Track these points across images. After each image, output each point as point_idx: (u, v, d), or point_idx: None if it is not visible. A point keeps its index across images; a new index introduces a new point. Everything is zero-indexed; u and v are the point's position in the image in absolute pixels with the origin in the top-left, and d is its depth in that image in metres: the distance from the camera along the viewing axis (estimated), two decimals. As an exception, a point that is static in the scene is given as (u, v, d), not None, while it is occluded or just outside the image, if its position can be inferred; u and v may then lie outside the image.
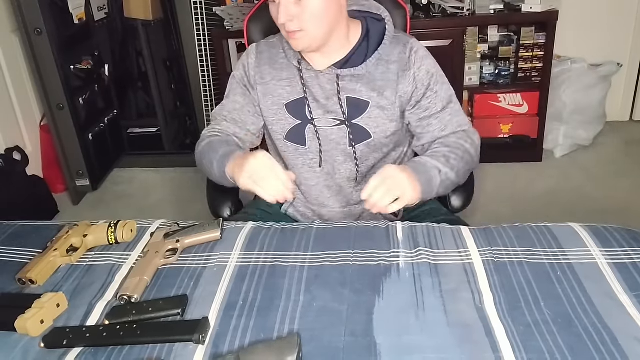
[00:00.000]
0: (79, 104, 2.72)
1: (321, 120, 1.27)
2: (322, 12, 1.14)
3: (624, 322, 0.82)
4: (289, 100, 1.27)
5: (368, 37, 1.25)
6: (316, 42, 1.18)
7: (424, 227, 1.10)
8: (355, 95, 1.24)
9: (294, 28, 1.14)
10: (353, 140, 1.27)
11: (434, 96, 1.25)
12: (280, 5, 1.12)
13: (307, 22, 1.14)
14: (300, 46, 1.18)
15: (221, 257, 1.04)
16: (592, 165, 2.83)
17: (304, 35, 1.16)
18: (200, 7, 2.70)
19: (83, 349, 0.84)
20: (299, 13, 1.13)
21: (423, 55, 1.26)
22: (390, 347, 0.80)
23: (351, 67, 1.23)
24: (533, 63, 2.78)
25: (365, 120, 1.25)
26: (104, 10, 3.03)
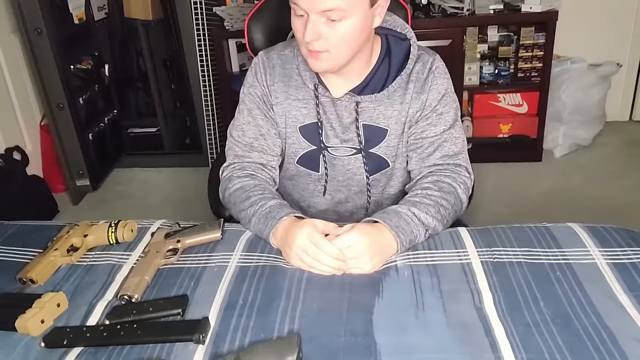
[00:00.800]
0: (79, 103, 2.73)
1: (338, 149, 1.21)
2: (354, 36, 1.05)
3: (623, 322, 0.82)
4: (304, 123, 1.21)
5: (389, 57, 1.17)
6: (338, 65, 1.10)
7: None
8: (373, 123, 1.18)
9: (319, 48, 1.05)
10: (368, 171, 1.23)
11: (436, 118, 1.17)
12: (309, 21, 1.02)
13: (335, 45, 1.05)
14: (322, 68, 1.10)
15: (222, 257, 1.04)
16: (592, 166, 2.83)
17: (328, 57, 1.07)
18: (200, 7, 2.70)
19: (83, 348, 0.84)
20: (328, 33, 1.03)
21: (440, 75, 1.17)
22: (390, 347, 0.80)
23: (370, 92, 1.16)
24: (533, 63, 2.78)
25: (384, 149, 1.20)
26: (104, 10, 3.03)
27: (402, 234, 1.02)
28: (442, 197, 1.11)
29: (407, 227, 1.03)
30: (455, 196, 1.14)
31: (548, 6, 2.60)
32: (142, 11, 2.98)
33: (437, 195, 1.11)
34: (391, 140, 1.19)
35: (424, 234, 1.06)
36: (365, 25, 1.06)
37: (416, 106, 1.17)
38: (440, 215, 1.08)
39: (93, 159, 2.82)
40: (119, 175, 3.07)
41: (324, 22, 1.02)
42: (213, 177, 1.52)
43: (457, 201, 1.14)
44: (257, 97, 1.22)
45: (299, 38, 1.07)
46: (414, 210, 1.06)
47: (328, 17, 1.01)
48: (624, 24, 3.04)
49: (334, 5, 0.99)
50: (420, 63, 1.17)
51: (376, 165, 1.23)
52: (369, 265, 0.98)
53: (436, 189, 1.13)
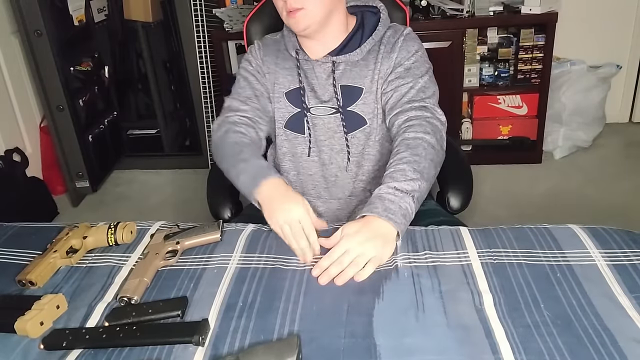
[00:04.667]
0: (79, 105, 2.73)
1: (318, 108, 1.30)
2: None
3: (624, 323, 0.82)
4: (289, 88, 1.31)
5: (363, 26, 1.29)
6: (315, 22, 1.20)
7: (422, 229, 1.10)
8: (349, 83, 1.27)
9: (295, 5, 1.16)
10: (346, 128, 1.30)
11: (404, 72, 1.25)
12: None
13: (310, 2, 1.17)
14: (301, 25, 1.20)
15: (221, 259, 1.04)
16: (592, 167, 2.83)
17: (305, 14, 1.18)
18: (199, 9, 2.70)
19: (83, 350, 0.84)
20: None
21: (410, 39, 1.28)
22: (390, 348, 0.80)
23: (346, 53, 1.26)
24: (532, 65, 2.79)
25: (360, 106, 1.28)
26: (104, 12, 3.03)
27: (392, 214, 1.01)
28: (412, 153, 1.10)
29: (394, 206, 1.02)
30: (424, 146, 1.13)
31: (548, 8, 2.61)
32: (142, 13, 2.99)
33: (407, 155, 1.10)
34: (367, 98, 1.28)
35: (413, 201, 1.04)
36: None
37: (387, 64, 1.26)
38: (418, 173, 1.07)
39: (93, 160, 2.82)
40: (118, 177, 3.07)
41: None
42: (212, 179, 1.52)
43: (428, 148, 1.13)
44: (251, 67, 1.34)
45: (278, 4, 1.19)
46: (393, 184, 1.05)
47: None
48: (624, 26, 3.04)
49: None
50: (392, 29, 1.29)
51: (354, 123, 1.30)
52: (374, 249, 0.97)
53: (403, 149, 1.12)
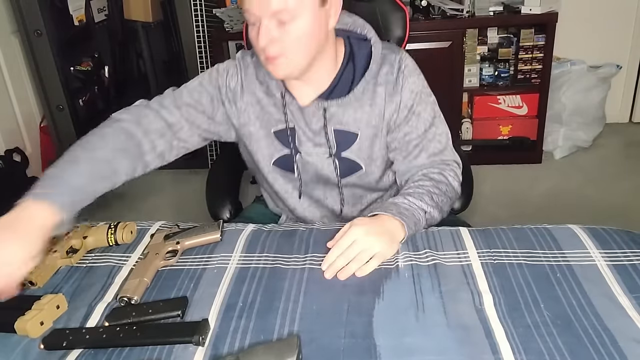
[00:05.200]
0: (79, 105, 2.73)
1: (310, 153, 1.21)
2: (307, 37, 1.04)
3: (624, 323, 0.82)
4: (278, 128, 1.20)
5: (353, 59, 1.16)
6: (298, 69, 1.09)
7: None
8: (343, 128, 1.17)
9: (274, 53, 1.04)
10: (340, 174, 1.23)
11: (415, 119, 1.18)
12: (262, 27, 1.01)
13: (290, 48, 1.04)
14: (281, 73, 1.09)
15: (221, 258, 1.04)
16: (592, 167, 2.83)
17: (285, 62, 1.06)
18: (200, 9, 2.70)
19: (83, 350, 0.84)
20: (281, 36, 1.02)
21: (410, 73, 1.16)
22: (390, 348, 0.80)
23: (337, 97, 1.15)
24: (532, 65, 2.79)
25: (355, 152, 1.20)
26: (104, 11, 3.03)
27: (405, 217, 1.03)
28: (434, 185, 1.14)
29: (408, 212, 1.06)
30: (446, 184, 1.16)
31: (548, 8, 2.61)
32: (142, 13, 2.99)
33: (428, 185, 1.14)
34: (362, 144, 1.19)
35: (424, 218, 1.08)
36: (318, 25, 1.05)
37: (391, 109, 1.16)
38: (434, 202, 1.11)
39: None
40: (118, 177, 3.07)
41: (275, 25, 1.01)
42: (212, 179, 1.52)
43: (448, 188, 1.16)
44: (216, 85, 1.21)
45: (255, 46, 1.07)
46: (409, 198, 1.10)
47: (278, 19, 1.01)
48: (624, 26, 3.05)
49: (282, 6, 0.99)
50: (387, 64, 1.16)
51: (348, 168, 1.22)
52: (380, 244, 0.98)
53: (427, 179, 1.16)
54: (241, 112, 1.21)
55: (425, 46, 2.66)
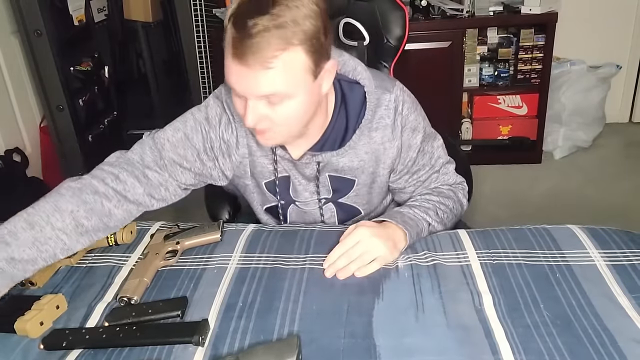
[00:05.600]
0: (79, 105, 2.72)
1: (308, 203, 1.18)
2: (300, 113, 0.96)
3: (623, 323, 0.82)
4: (269, 179, 1.15)
5: (346, 106, 1.08)
6: (290, 138, 1.04)
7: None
8: (339, 174, 1.13)
9: (263, 127, 0.96)
10: (339, 220, 1.21)
11: (421, 156, 1.14)
12: (249, 106, 0.92)
13: (281, 124, 0.96)
14: (270, 143, 1.03)
15: (221, 259, 1.04)
16: (592, 167, 2.83)
17: (276, 134, 0.99)
18: (199, 9, 2.70)
19: (82, 350, 0.84)
20: (271, 115, 0.94)
21: (407, 114, 1.09)
22: (389, 348, 0.80)
23: (330, 148, 1.09)
24: (532, 65, 2.79)
25: (353, 198, 1.17)
26: (104, 12, 3.03)
27: (409, 227, 1.04)
28: (441, 201, 1.15)
29: (412, 222, 1.06)
30: (455, 200, 1.17)
31: (548, 8, 2.61)
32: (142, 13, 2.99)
33: (435, 200, 1.14)
34: (360, 190, 1.16)
35: (427, 230, 1.09)
36: (312, 98, 0.97)
37: (392, 153, 1.11)
38: (439, 218, 1.12)
39: (93, 160, 2.79)
40: (118, 177, 3.07)
41: (264, 104, 0.93)
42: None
43: (456, 205, 1.17)
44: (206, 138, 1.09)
45: (241, 117, 0.98)
46: (415, 209, 1.10)
47: (269, 100, 0.92)
48: (624, 26, 3.05)
49: (272, 90, 0.90)
50: (381, 107, 1.07)
51: (347, 213, 1.20)
52: (383, 248, 0.98)
53: (435, 194, 1.16)
54: (236, 166, 1.14)
55: (425, 46, 2.66)
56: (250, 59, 0.86)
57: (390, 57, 1.55)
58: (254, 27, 0.85)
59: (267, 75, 0.88)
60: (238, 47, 0.87)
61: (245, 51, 0.86)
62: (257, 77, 0.88)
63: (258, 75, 0.88)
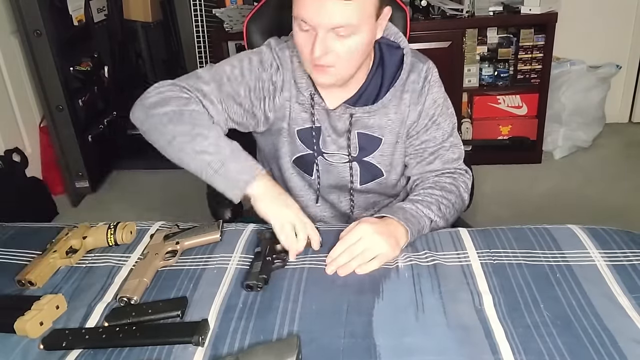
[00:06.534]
0: (79, 105, 2.73)
1: (334, 155, 1.21)
2: (361, 51, 1.04)
3: (623, 323, 0.82)
4: (303, 127, 1.19)
5: (383, 66, 1.15)
6: (343, 79, 1.09)
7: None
8: (368, 132, 1.17)
9: (326, 62, 1.03)
10: (361, 180, 1.23)
11: (434, 128, 1.19)
12: (318, 37, 0.99)
13: (343, 59, 1.03)
14: (327, 81, 1.08)
15: (221, 259, 1.04)
16: (592, 167, 2.83)
17: (334, 72, 1.05)
18: (199, 9, 2.70)
19: (82, 350, 0.84)
20: (337, 48, 1.01)
21: (435, 83, 1.18)
22: (389, 348, 0.80)
23: (364, 104, 1.15)
24: (532, 65, 2.79)
25: (377, 158, 1.20)
26: (104, 12, 3.03)
27: (411, 224, 1.05)
28: (443, 195, 1.16)
29: (414, 219, 1.07)
30: (457, 195, 1.18)
31: (547, 8, 2.61)
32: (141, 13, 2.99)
33: (438, 194, 1.15)
34: (385, 150, 1.20)
35: (429, 227, 1.10)
36: (371, 38, 1.05)
37: (413, 117, 1.17)
38: (441, 213, 1.13)
39: (92, 160, 2.82)
40: (118, 177, 3.07)
41: (332, 37, 1.00)
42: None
43: (458, 200, 1.19)
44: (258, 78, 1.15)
45: (304, 52, 1.05)
46: (417, 205, 1.11)
47: (337, 32, 0.99)
48: (624, 26, 3.04)
49: (345, 22, 0.98)
50: (415, 72, 1.16)
51: (370, 174, 1.23)
52: (385, 245, 0.98)
53: (438, 188, 1.17)
54: (278, 108, 1.18)
55: (425, 46, 2.66)
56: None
57: (390, 57, 1.55)
58: None
59: (346, 6, 0.96)
60: None
61: None
62: (336, 7, 0.96)
63: (337, 5, 0.96)
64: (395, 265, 0.99)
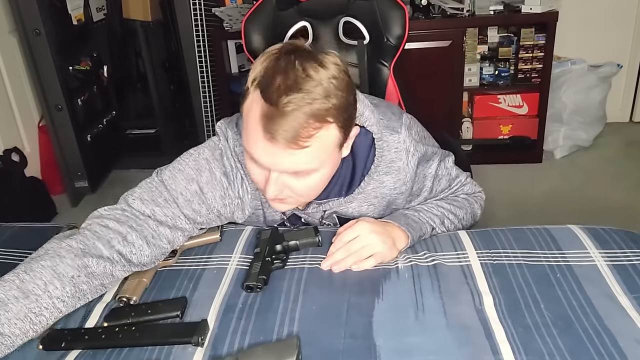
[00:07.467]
0: (78, 105, 2.72)
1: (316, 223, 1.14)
2: (323, 181, 0.95)
3: (624, 324, 0.82)
4: (280, 222, 1.14)
5: (353, 155, 1.02)
6: (306, 203, 1.04)
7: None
8: (346, 215, 1.10)
9: (283, 196, 0.94)
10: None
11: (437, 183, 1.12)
12: (271, 178, 0.89)
13: (303, 194, 0.95)
14: (285, 209, 1.02)
15: (221, 259, 1.04)
16: (592, 167, 2.83)
17: (293, 202, 0.98)
18: (199, 8, 2.70)
19: (81, 351, 0.84)
20: (294, 185, 0.92)
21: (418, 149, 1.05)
22: (389, 349, 0.80)
23: (337, 195, 1.06)
24: (533, 64, 2.78)
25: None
26: (103, 11, 3.02)
27: (412, 229, 1.03)
28: (451, 210, 1.12)
29: (416, 225, 1.05)
30: (467, 211, 1.15)
31: (548, 7, 2.60)
32: (140, 12, 2.98)
33: (445, 208, 1.12)
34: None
35: (430, 232, 1.08)
36: (335, 165, 0.96)
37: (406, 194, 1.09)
38: (444, 227, 1.11)
39: (91, 160, 2.81)
40: (117, 177, 3.07)
41: (289, 176, 0.90)
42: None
43: (467, 216, 1.15)
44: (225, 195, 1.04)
45: (257, 184, 0.95)
46: (420, 214, 1.09)
47: (294, 174, 0.90)
48: (624, 25, 3.04)
49: (302, 168, 0.88)
50: (390, 151, 1.03)
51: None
52: (382, 245, 0.97)
53: (448, 201, 1.14)
54: (248, 216, 1.10)
55: (425, 45, 2.66)
56: (283, 138, 0.82)
57: (390, 56, 1.55)
58: (287, 105, 0.81)
59: (300, 153, 0.85)
60: (269, 124, 0.82)
61: (277, 130, 0.82)
62: (288, 154, 0.85)
63: (289, 153, 0.85)
64: (395, 266, 0.98)
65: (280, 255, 1.01)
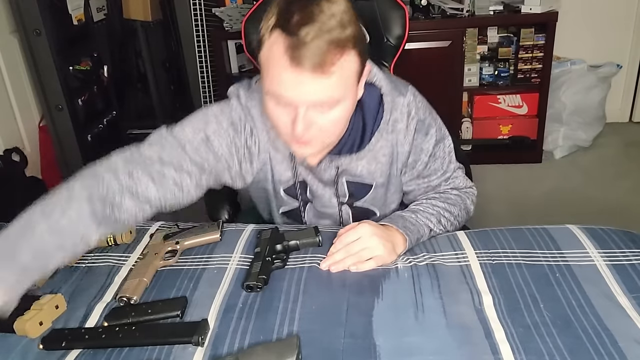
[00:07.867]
0: (78, 105, 2.72)
1: (323, 201, 1.16)
2: (345, 117, 0.97)
3: (623, 323, 0.82)
4: (287, 185, 1.14)
5: (362, 108, 1.05)
6: (327, 148, 1.04)
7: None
8: (357, 180, 1.12)
9: (309, 138, 0.94)
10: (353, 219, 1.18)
11: (432, 161, 1.13)
12: (299, 115, 0.90)
13: (326, 130, 0.96)
14: (308, 153, 1.01)
15: (221, 259, 1.04)
16: (592, 167, 2.83)
17: (317, 143, 0.98)
18: (199, 8, 2.70)
19: (82, 350, 0.84)
20: (320, 121, 0.93)
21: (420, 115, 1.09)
22: (389, 348, 0.80)
23: (349, 152, 1.08)
24: (532, 64, 2.79)
25: (370, 201, 1.16)
26: (103, 11, 3.02)
27: (410, 232, 1.04)
28: (446, 208, 1.14)
29: (414, 228, 1.06)
30: (461, 207, 1.17)
31: (548, 7, 2.60)
32: (141, 12, 2.98)
33: (441, 207, 1.13)
34: (377, 192, 1.15)
35: (428, 234, 1.09)
36: (354, 101, 0.98)
37: (403, 157, 1.11)
38: (441, 226, 1.12)
39: (92, 160, 2.78)
40: (118, 177, 3.06)
41: (316, 111, 0.92)
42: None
43: (462, 212, 1.17)
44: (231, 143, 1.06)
45: (281, 127, 0.96)
46: (418, 215, 1.10)
47: (319, 107, 0.91)
48: (624, 25, 3.04)
49: (328, 97, 0.90)
50: (396, 110, 1.07)
51: (362, 215, 1.18)
52: (382, 248, 0.98)
53: (442, 199, 1.15)
54: (257, 171, 1.11)
55: (424, 45, 2.66)
56: (310, 63, 0.85)
57: (390, 57, 1.55)
58: (308, 35, 0.84)
59: (325, 81, 0.88)
60: (295, 53, 0.85)
61: (304, 56, 0.85)
62: (314, 83, 0.87)
63: (316, 81, 0.87)
64: (395, 266, 0.99)
65: (280, 255, 1.01)
